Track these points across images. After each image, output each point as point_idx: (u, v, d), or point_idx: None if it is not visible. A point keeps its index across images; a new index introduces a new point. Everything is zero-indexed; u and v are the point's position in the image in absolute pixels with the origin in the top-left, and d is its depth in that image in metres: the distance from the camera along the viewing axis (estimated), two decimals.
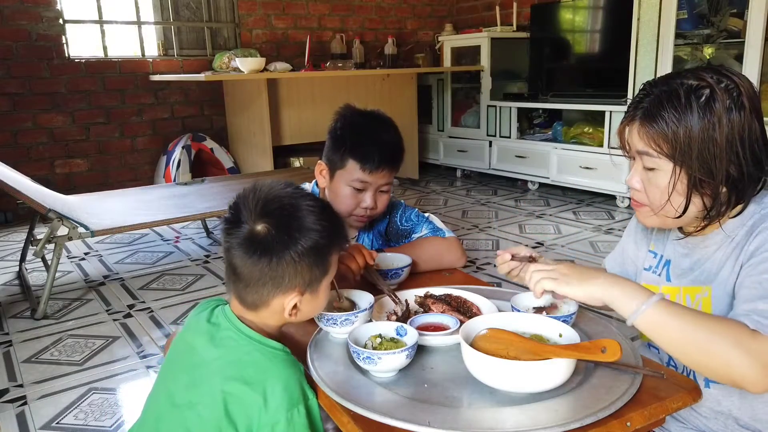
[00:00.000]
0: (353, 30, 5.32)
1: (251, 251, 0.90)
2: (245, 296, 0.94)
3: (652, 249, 1.17)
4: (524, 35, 4.90)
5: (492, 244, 3.33)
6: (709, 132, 0.91)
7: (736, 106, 0.91)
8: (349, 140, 1.41)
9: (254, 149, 4.41)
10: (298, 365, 0.91)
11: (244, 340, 0.92)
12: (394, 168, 1.43)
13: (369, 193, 1.41)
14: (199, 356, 0.93)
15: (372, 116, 1.47)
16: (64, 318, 2.52)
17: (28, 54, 4.03)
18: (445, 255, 1.42)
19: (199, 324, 0.97)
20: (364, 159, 1.38)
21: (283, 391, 0.85)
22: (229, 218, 0.93)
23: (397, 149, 1.44)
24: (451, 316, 1.04)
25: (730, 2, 3.44)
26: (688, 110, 0.92)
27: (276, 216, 0.91)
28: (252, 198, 0.92)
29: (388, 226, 1.55)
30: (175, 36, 4.63)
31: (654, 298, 0.86)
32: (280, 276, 0.90)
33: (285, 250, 0.89)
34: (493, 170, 4.97)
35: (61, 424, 1.77)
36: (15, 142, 4.08)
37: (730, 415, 1.03)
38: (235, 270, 0.93)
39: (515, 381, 0.82)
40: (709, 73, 0.93)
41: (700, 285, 1.03)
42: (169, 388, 0.95)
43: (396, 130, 1.46)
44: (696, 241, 1.04)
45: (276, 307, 0.93)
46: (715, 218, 0.98)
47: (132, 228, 2.78)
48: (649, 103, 0.96)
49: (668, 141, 0.94)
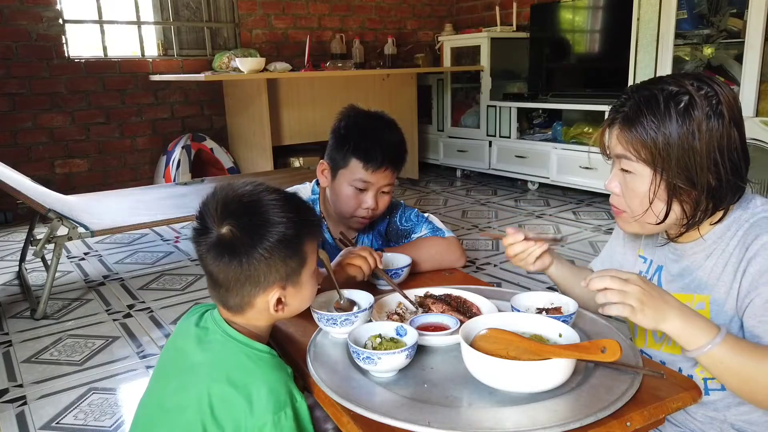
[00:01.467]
0: (353, 30, 5.32)
1: (221, 255, 0.89)
2: (228, 301, 0.93)
3: (641, 254, 1.16)
4: (524, 35, 4.90)
5: (492, 245, 3.33)
6: (688, 140, 0.91)
7: (715, 114, 0.91)
8: (352, 139, 1.40)
9: (254, 149, 4.41)
10: (284, 368, 0.90)
11: (230, 343, 0.92)
12: (396, 168, 1.44)
13: (371, 194, 1.41)
14: (187, 360, 0.93)
15: (376, 116, 1.47)
16: (64, 318, 2.52)
17: (28, 54, 4.03)
18: (444, 255, 1.42)
19: (188, 329, 0.97)
20: (368, 158, 1.38)
21: (268, 393, 0.85)
22: (196, 227, 0.93)
23: (400, 149, 1.45)
24: (451, 316, 1.03)
25: (730, 2, 3.44)
26: (666, 117, 0.91)
27: (238, 216, 0.90)
28: (213, 203, 0.91)
29: (388, 227, 1.55)
30: (174, 36, 4.62)
31: (718, 339, 0.85)
32: (255, 275, 0.90)
33: (253, 248, 0.88)
34: (492, 170, 4.97)
35: (61, 424, 1.77)
36: (15, 142, 4.08)
37: (725, 420, 1.03)
38: (212, 276, 0.93)
39: (515, 381, 0.82)
40: (690, 80, 0.93)
41: (691, 293, 1.02)
42: (159, 392, 0.95)
43: (399, 131, 1.46)
44: (684, 247, 1.04)
45: (261, 306, 0.93)
46: (693, 226, 0.98)
47: (132, 228, 2.78)
48: (630, 107, 0.95)
49: (647, 147, 0.93)
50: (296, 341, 1.04)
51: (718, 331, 0.86)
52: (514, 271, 2.90)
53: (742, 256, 0.95)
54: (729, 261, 0.97)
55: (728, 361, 0.85)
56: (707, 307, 1.00)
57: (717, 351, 0.85)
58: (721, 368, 0.86)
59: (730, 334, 0.87)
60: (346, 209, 1.43)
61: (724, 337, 0.85)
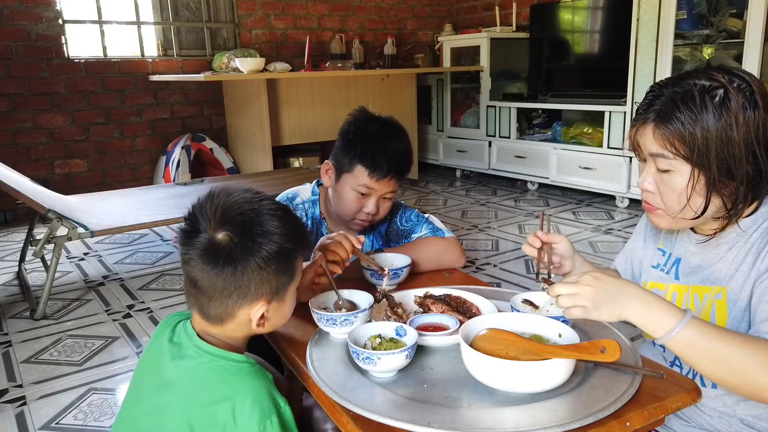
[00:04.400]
0: (353, 30, 5.32)
1: (213, 261, 0.85)
2: (209, 310, 0.89)
3: (660, 247, 1.16)
4: (524, 35, 4.90)
5: (491, 245, 3.33)
6: (726, 132, 0.91)
7: (750, 105, 0.91)
8: (360, 146, 1.40)
9: (254, 149, 4.41)
10: (265, 375, 0.88)
11: (205, 358, 0.88)
12: (401, 177, 1.44)
13: (373, 200, 1.41)
14: (161, 379, 0.90)
15: (385, 123, 1.46)
16: (64, 318, 2.52)
17: (27, 54, 4.03)
18: (444, 255, 1.42)
19: (161, 345, 0.93)
20: (373, 166, 1.38)
21: (252, 404, 0.83)
22: (186, 229, 0.89)
23: (406, 159, 1.44)
24: (451, 316, 1.04)
25: (730, 2, 3.44)
26: (703, 110, 0.91)
27: (237, 223, 0.86)
28: (210, 206, 0.88)
29: (389, 227, 1.56)
30: (174, 36, 4.62)
31: (685, 320, 0.85)
32: (245, 285, 0.86)
33: (249, 257, 0.86)
34: (492, 170, 4.97)
35: (61, 424, 1.77)
36: (14, 142, 4.08)
37: (734, 415, 1.03)
38: (195, 283, 0.88)
39: (515, 381, 0.82)
40: (721, 73, 0.93)
41: (710, 285, 1.02)
42: (132, 413, 0.93)
43: (407, 139, 1.46)
44: (708, 240, 1.04)
45: (242, 319, 0.90)
46: (734, 217, 0.98)
47: (131, 228, 2.78)
48: (662, 104, 0.95)
49: (685, 142, 0.93)
50: (296, 341, 1.04)
51: (683, 315, 0.86)
52: (514, 271, 2.91)
53: (763, 245, 0.95)
54: (750, 251, 0.98)
55: (698, 343, 0.85)
56: (724, 297, 1.00)
57: (685, 333, 0.84)
58: (693, 353, 0.85)
59: (696, 318, 0.87)
60: (346, 212, 1.43)
61: (690, 320, 0.85)
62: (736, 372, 0.84)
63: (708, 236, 1.03)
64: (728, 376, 0.85)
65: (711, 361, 0.85)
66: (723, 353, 0.84)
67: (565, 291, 0.90)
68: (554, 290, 0.92)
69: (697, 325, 0.85)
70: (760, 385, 0.84)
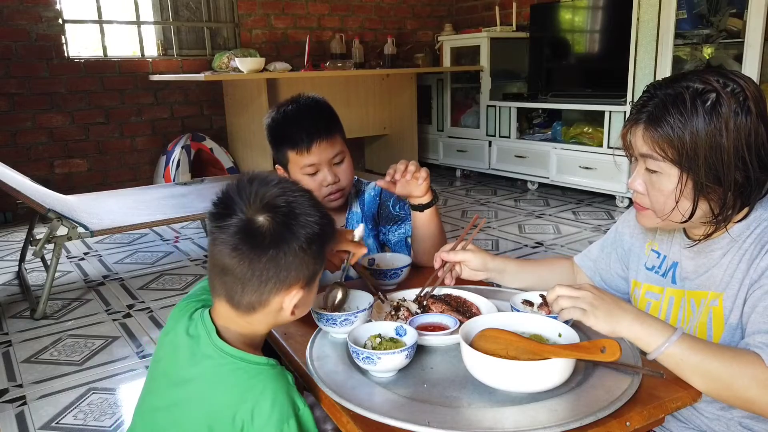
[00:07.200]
0: (353, 30, 5.32)
1: (254, 244, 0.82)
2: (241, 298, 0.85)
3: (655, 248, 1.15)
4: (524, 35, 4.90)
5: (492, 244, 3.33)
6: (716, 138, 0.90)
7: (742, 111, 0.90)
8: (276, 136, 1.43)
9: (254, 149, 4.41)
10: (285, 376, 0.86)
11: (225, 359, 0.86)
12: (330, 136, 1.40)
13: (324, 171, 1.40)
14: (179, 375, 0.88)
15: (289, 102, 1.46)
16: (64, 318, 2.52)
17: (27, 54, 4.03)
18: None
19: (178, 336, 0.91)
20: (294, 143, 1.38)
21: (271, 407, 0.81)
22: (218, 212, 0.85)
23: (320, 119, 1.42)
24: (451, 316, 1.04)
25: (730, 2, 3.44)
26: (693, 115, 0.90)
27: (279, 206, 0.84)
28: (248, 188, 0.85)
29: (380, 209, 1.53)
30: (174, 36, 4.62)
31: (674, 337, 0.86)
32: (285, 270, 0.84)
33: (294, 239, 0.83)
34: (492, 170, 4.97)
35: (61, 424, 1.77)
36: (14, 142, 4.08)
37: (732, 417, 1.03)
38: (226, 269, 0.84)
39: (514, 381, 0.82)
40: (715, 77, 0.92)
41: (706, 290, 1.02)
42: (152, 406, 0.92)
43: (316, 101, 1.46)
44: (702, 245, 1.03)
45: (274, 307, 0.87)
46: (722, 223, 0.97)
47: (131, 228, 2.78)
48: (654, 106, 0.94)
49: (673, 146, 0.92)
50: (296, 341, 1.04)
51: (674, 331, 0.88)
52: None
53: (757, 253, 0.95)
54: (743, 258, 0.97)
55: (688, 359, 0.86)
56: (720, 304, 1.00)
57: (675, 349, 0.86)
58: (683, 367, 0.87)
59: (687, 335, 0.88)
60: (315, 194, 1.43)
61: (680, 336, 0.87)
62: (726, 387, 0.86)
63: (696, 241, 1.03)
64: (720, 390, 0.87)
65: (702, 377, 0.86)
66: (713, 369, 0.85)
67: (566, 292, 0.91)
68: (555, 290, 0.93)
69: (687, 341, 0.87)
70: (749, 399, 0.85)
